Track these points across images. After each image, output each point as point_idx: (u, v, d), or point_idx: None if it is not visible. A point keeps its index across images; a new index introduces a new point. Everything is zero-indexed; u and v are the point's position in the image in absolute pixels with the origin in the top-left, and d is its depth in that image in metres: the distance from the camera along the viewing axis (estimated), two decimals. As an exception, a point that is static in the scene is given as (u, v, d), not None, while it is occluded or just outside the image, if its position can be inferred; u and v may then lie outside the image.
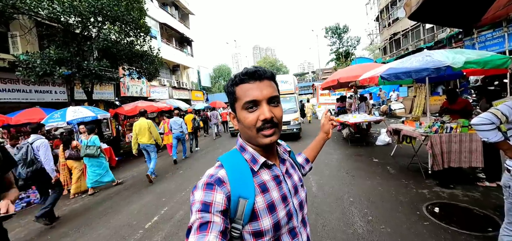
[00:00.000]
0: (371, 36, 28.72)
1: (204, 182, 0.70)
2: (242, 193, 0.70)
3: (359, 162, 5.72)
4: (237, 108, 0.77)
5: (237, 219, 0.69)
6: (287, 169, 0.85)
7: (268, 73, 0.77)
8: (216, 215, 0.64)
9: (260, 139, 0.73)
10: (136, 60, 9.75)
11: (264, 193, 0.73)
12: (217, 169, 0.74)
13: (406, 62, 4.33)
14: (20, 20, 8.27)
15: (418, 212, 3.14)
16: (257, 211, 0.70)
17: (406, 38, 18.81)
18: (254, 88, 0.73)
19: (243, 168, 0.75)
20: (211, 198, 0.66)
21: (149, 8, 11.25)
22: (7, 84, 8.21)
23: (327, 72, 35.69)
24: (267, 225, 0.71)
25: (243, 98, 0.74)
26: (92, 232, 3.68)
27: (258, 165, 0.76)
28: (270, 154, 0.81)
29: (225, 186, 0.69)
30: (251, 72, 0.74)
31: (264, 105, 0.72)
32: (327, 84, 8.47)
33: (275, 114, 0.73)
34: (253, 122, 0.73)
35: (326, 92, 16.87)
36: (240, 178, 0.72)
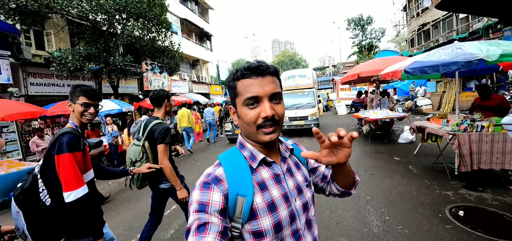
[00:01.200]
0: (398, 27, 27.14)
1: (201, 182, 0.69)
2: (240, 191, 0.68)
3: (379, 160, 5.51)
4: (237, 104, 0.75)
5: (236, 218, 0.68)
6: (289, 168, 0.81)
7: (272, 68, 0.74)
8: (214, 216, 0.63)
9: (259, 136, 0.71)
10: (158, 55, 10.12)
11: (263, 191, 0.71)
12: (215, 168, 0.74)
13: (434, 55, 4.06)
14: (53, 19, 8.92)
15: (440, 215, 2.97)
16: (256, 210, 0.68)
17: (437, 29, 17.53)
18: (256, 84, 0.70)
19: (242, 165, 0.74)
20: (207, 198, 0.65)
21: (170, 4, 11.56)
22: (43, 79, 8.95)
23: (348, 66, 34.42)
24: (267, 225, 0.68)
25: (244, 93, 0.71)
26: (116, 216, 3.96)
27: (257, 162, 0.74)
28: (270, 151, 0.78)
29: (222, 184, 0.68)
30: (253, 67, 0.72)
31: (265, 102, 0.70)
32: (347, 78, 8.19)
33: (276, 112, 0.71)
34: (253, 119, 0.70)
35: (347, 87, 16.36)
36: (238, 175, 0.71)
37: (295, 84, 10.62)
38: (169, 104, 2.34)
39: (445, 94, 12.39)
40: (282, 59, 56.32)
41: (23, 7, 6.96)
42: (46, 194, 1.43)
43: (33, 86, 8.64)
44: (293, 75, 10.92)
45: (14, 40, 8.04)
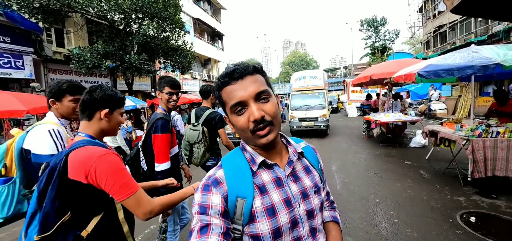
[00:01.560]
0: (413, 28, 26.46)
1: (202, 184, 0.70)
2: (239, 193, 0.67)
3: (389, 164, 5.45)
4: (227, 113, 0.73)
5: (237, 220, 0.67)
6: (295, 172, 0.77)
7: (250, 68, 0.70)
8: (215, 217, 0.64)
9: (256, 140, 0.69)
10: (171, 54, 10.37)
11: (263, 194, 0.69)
12: (216, 170, 0.73)
13: (449, 59, 3.99)
14: (73, 18, 9.31)
15: (451, 220, 2.94)
16: (254, 213, 0.67)
17: (454, 31, 16.98)
18: (237, 88, 0.68)
19: (243, 167, 0.72)
20: (208, 200, 0.66)
21: (183, 4, 11.80)
22: (62, 75, 9.36)
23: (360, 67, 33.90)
24: (265, 230, 0.66)
25: (229, 102, 0.69)
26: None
27: (256, 165, 0.72)
28: (272, 153, 0.76)
29: (222, 186, 0.68)
30: (230, 72, 0.69)
31: (251, 104, 0.67)
32: (359, 80, 8.12)
33: (266, 111, 0.68)
34: (244, 125, 0.68)
35: (358, 89, 16.13)
36: (238, 177, 0.70)
37: (306, 85, 10.59)
38: (214, 97, 2.77)
39: (461, 99, 12.02)
40: (292, 59, 56.10)
41: (46, 6, 7.32)
42: (144, 163, 1.99)
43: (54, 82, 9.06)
44: (303, 76, 10.91)
45: (37, 38, 8.46)
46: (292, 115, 9.87)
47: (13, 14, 7.14)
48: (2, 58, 7.51)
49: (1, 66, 7.48)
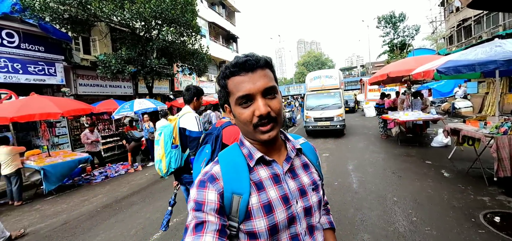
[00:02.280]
0: (434, 23, 25.31)
1: (198, 180, 0.69)
2: (235, 189, 0.66)
3: (408, 163, 5.32)
4: (231, 103, 0.72)
5: (233, 216, 0.66)
6: (293, 168, 0.76)
7: (262, 61, 0.70)
8: (210, 214, 0.62)
9: (258, 135, 0.68)
10: (188, 57, 10.76)
11: (260, 191, 0.68)
12: (212, 166, 0.72)
13: (470, 54, 3.87)
14: (98, 26, 9.95)
15: (473, 219, 2.86)
16: (250, 210, 0.66)
17: (479, 25, 16.06)
18: (247, 80, 0.67)
19: (240, 163, 0.71)
20: (203, 196, 0.64)
21: (199, 8, 12.17)
22: (89, 80, 10.00)
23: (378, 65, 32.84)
24: (261, 226, 0.65)
25: (235, 92, 0.68)
26: (155, 202, 4.40)
27: (254, 161, 0.71)
28: (271, 149, 0.75)
29: (218, 182, 0.67)
30: (241, 63, 0.68)
31: (258, 99, 0.66)
32: (376, 78, 7.95)
33: (272, 108, 0.67)
34: (248, 118, 0.67)
35: (376, 88, 15.71)
36: (234, 173, 0.69)
37: (321, 85, 10.53)
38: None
39: (488, 96, 11.35)
40: (307, 59, 55.52)
41: (74, 17, 7.91)
42: None
43: (82, 87, 9.71)
44: (319, 75, 10.84)
45: (67, 46, 9.14)
46: (308, 115, 9.85)
47: (46, 25, 7.79)
48: (37, 65, 8.19)
49: (36, 73, 8.16)
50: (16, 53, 7.69)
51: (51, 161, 5.33)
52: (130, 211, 4.20)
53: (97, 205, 4.63)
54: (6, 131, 7.27)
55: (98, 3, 7.46)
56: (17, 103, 5.70)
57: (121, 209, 4.31)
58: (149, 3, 7.95)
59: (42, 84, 8.32)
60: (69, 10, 7.69)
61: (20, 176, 5.05)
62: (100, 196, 5.13)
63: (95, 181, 6.37)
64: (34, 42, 8.09)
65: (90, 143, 6.97)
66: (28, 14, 7.28)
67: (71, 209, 4.56)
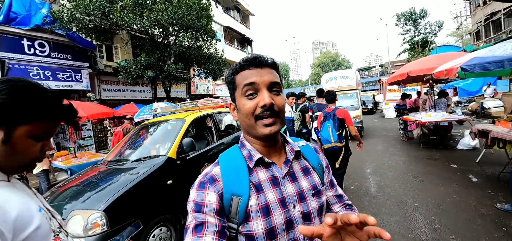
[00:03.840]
0: (459, 19, 23.93)
1: (198, 181, 0.69)
2: (235, 190, 0.67)
3: (431, 167, 5.04)
4: (236, 97, 0.73)
5: (232, 218, 0.66)
6: (292, 171, 0.75)
7: (270, 60, 0.73)
8: (210, 215, 0.63)
9: (259, 128, 0.69)
10: (204, 61, 11.02)
11: (259, 193, 0.68)
12: (212, 167, 0.73)
13: (498, 50, 3.61)
14: (120, 35, 10.47)
15: (505, 228, 2.65)
16: (249, 212, 0.66)
17: (510, 18, 14.96)
18: (254, 74, 0.70)
19: (240, 164, 0.72)
20: (203, 198, 0.65)
21: (214, 13, 12.43)
22: (112, 85, 10.55)
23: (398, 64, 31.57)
24: (259, 229, 0.64)
25: (242, 82, 0.70)
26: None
27: (253, 162, 0.71)
28: (271, 151, 0.75)
29: (218, 183, 0.68)
30: (250, 59, 0.72)
31: (264, 91, 0.68)
32: (395, 78, 7.63)
33: (276, 102, 0.68)
34: (251, 109, 0.68)
35: (395, 88, 15.09)
36: (234, 174, 0.69)
37: (337, 86, 10.31)
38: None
39: (522, 94, 10.50)
40: (323, 60, 54.65)
41: (99, 26, 8.40)
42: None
43: (105, 92, 10.26)
44: (334, 76, 10.63)
45: (92, 54, 9.72)
46: (323, 117, 9.67)
47: (73, 35, 8.33)
48: (65, 72, 8.77)
49: (65, 80, 8.74)
50: (47, 61, 8.30)
51: (77, 162, 5.67)
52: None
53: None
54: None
55: (120, 13, 7.86)
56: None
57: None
58: (167, 11, 8.25)
59: (70, 89, 8.90)
60: (94, 20, 8.19)
61: (47, 175, 5.41)
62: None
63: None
64: (63, 51, 8.70)
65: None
66: (58, 25, 7.84)
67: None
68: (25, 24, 7.63)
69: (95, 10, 7.61)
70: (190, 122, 3.54)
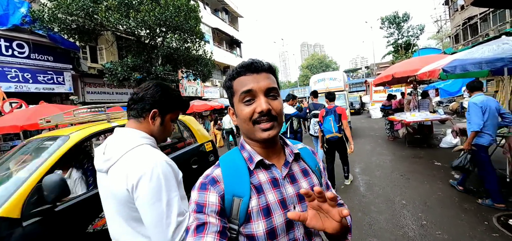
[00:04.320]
0: (439, 22, 25.01)
1: (200, 182, 0.70)
2: (236, 192, 0.68)
3: (417, 165, 5.22)
4: (235, 102, 0.74)
5: (233, 219, 0.67)
6: (292, 173, 0.77)
7: (266, 65, 0.74)
8: (211, 216, 0.64)
9: (257, 133, 0.70)
10: (193, 63, 10.87)
11: (259, 194, 0.69)
12: (213, 169, 0.74)
13: (477, 52, 3.79)
14: (105, 35, 10.16)
15: (487, 222, 2.78)
16: (250, 213, 0.67)
17: (486, 22, 15.82)
18: (251, 80, 0.70)
19: (240, 166, 0.73)
20: (204, 199, 0.66)
21: (203, 15, 12.31)
22: (97, 88, 10.20)
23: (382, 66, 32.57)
24: (260, 230, 0.65)
25: (239, 89, 0.71)
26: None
27: (254, 164, 0.72)
28: (270, 153, 0.77)
29: (219, 185, 0.68)
30: (246, 65, 0.72)
31: (261, 97, 0.69)
32: (381, 79, 7.87)
33: (273, 107, 0.70)
34: (249, 115, 0.70)
35: (381, 89, 15.56)
36: (235, 176, 0.70)
37: (325, 87, 10.47)
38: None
39: (498, 94, 11.06)
40: (311, 62, 55.46)
41: (82, 26, 8.10)
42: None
43: (89, 94, 9.91)
44: (323, 78, 10.81)
45: (75, 55, 9.36)
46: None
47: (55, 35, 7.99)
48: (46, 75, 8.39)
49: (46, 82, 8.36)
50: (26, 63, 7.91)
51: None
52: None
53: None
54: (17, 139, 7.44)
55: (105, 13, 7.63)
56: (27, 111, 5.84)
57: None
58: (154, 11, 8.09)
59: (51, 92, 8.53)
60: (77, 20, 7.89)
61: None
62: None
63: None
64: (43, 52, 8.32)
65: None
66: (38, 25, 7.49)
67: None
68: (2, 24, 7.24)
69: (78, 10, 7.33)
70: (76, 144, 1.95)
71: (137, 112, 1.03)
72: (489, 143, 3.19)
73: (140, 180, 0.84)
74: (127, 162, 0.90)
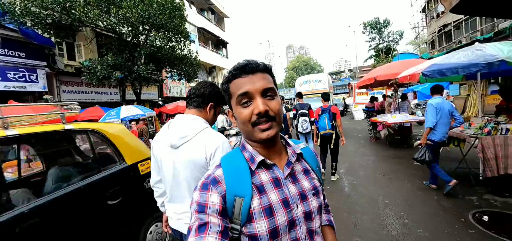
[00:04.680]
0: (417, 29, 26.29)
1: (201, 183, 0.70)
2: (237, 192, 0.67)
3: (398, 165, 5.41)
4: (232, 104, 0.75)
5: (235, 219, 0.67)
6: (293, 173, 0.77)
7: (261, 65, 0.74)
8: (213, 216, 0.63)
9: (256, 134, 0.70)
10: (177, 63, 10.62)
11: (261, 194, 0.69)
12: (215, 169, 0.74)
13: (453, 58, 3.98)
14: (84, 32, 9.66)
15: (463, 219, 2.91)
16: (252, 213, 0.66)
17: (459, 30, 16.82)
18: (247, 82, 0.70)
19: (242, 166, 0.72)
20: (206, 199, 0.66)
21: (188, 14, 12.08)
22: (74, 86, 9.68)
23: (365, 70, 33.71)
24: (262, 229, 0.66)
25: (236, 92, 0.72)
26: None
27: (255, 164, 0.72)
28: (271, 153, 0.76)
29: (220, 185, 0.68)
30: (242, 66, 0.72)
31: (258, 98, 0.69)
32: (364, 82, 8.10)
33: (270, 107, 0.70)
34: (247, 117, 0.70)
35: (364, 91, 16.04)
36: (236, 176, 0.70)
37: (311, 89, 10.65)
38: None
39: (470, 97, 11.84)
40: (296, 64, 56.23)
41: (58, 22, 7.64)
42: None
43: (65, 94, 9.36)
44: (308, 80, 10.98)
45: (50, 52, 8.81)
46: (298, 119, 9.90)
47: (28, 30, 7.47)
48: (18, 72, 7.83)
49: (17, 80, 7.80)
50: (-6, 59, 7.33)
51: (31, 173, 5.03)
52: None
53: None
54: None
55: (83, 8, 7.26)
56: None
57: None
58: (136, 8, 7.82)
59: (23, 91, 7.97)
60: (52, 15, 7.44)
61: None
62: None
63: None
64: (14, 48, 7.76)
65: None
66: (8, 19, 6.98)
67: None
68: (-34, 16, 6.67)
69: (53, 4, 6.92)
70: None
71: (198, 103, 1.37)
72: (440, 139, 3.71)
73: (216, 150, 1.20)
74: (203, 138, 1.24)
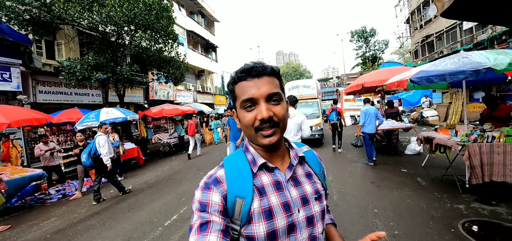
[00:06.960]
0: (401, 39, 27.21)
1: (203, 182, 0.70)
2: (238, 193, 0.68)
3: (386, 172, 5.38)
4: (237, 107, 0.74)
5: (235, 220, 0.67)
6: (295, 176, 0.76)
7: (268, 68, 0.72)
8: (214, 215, 0.64)
9: (259, 139, 0.70)
10: (164, 65, 10.28)
11: (262, 196, 0.69)
12: (217, 169, 0.74)
13: (440, 65, 4.00)
14: (64, 30, 9.18)
15: (453, 230, 2.84)
16: (252, 214, 0.67)
17: (441, 41, 17.50)
18: (252, 85, 0.69)
19: (244, 168, 0.73)
20: (207, 198, 0.66)
21: (177, 16, 11.81)
22: (52, 87, 9.11)
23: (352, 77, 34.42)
24: (260, 232, 0.66)
25: (241, 96, 0.71)
26: (116, 225, 3.90)
27: (257, 167, 0.72)
28: (274, 156, 0.76)
29: (222, 185, 0.69)
30: (248, 69, 0.71)
31: (262, 103, 0.68)
32: (351, 89, 8.13)
33: (275, 113, 0.69)
34: (251, 122, 0.69)
35: (351, 98, 16.26)
36: (238, 177, 0.70)
37: (299, 95, 10.59)
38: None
39: (452, 105, 12.21)
40: (286, 70, 56.71)
41: (37, 18, 7.19)
42: None
43: (42, 94, 8.79)
44: (297, 85, 10.94)
45: (26, 50, 8.25)
46: (286, 124, 9.84)
47: (2, 26, 6.97)
48: (-13, 70, 7.27)
49: (-14, 79, 7.23)
50: (-40, 55, 6.76)
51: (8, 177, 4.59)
52: (86, 237, 3.67)
53: (46, 230, 4.02)
54: None
55: (63, 5, 6.86)
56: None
57: (76, 235, 3.76)
58: (121, 7, 7.50)
59: (-7, 91, 7.39)
60: (30, 11, 6.98)
61: None
62: (53, 219, 4.49)
63: (50, 201, 5.64)
64: (-16, 44, 7.20)
65: (45, 154, 6.21)
66: (-23, 12, 6.48)
67: (13, 236, 3.90)
68: None
69: (31, -1, 6.50)
70: None
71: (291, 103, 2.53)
72: (369, 131, 5.96)
73: (304, 119, 3.45)
74: (297, 116, 3.43)
